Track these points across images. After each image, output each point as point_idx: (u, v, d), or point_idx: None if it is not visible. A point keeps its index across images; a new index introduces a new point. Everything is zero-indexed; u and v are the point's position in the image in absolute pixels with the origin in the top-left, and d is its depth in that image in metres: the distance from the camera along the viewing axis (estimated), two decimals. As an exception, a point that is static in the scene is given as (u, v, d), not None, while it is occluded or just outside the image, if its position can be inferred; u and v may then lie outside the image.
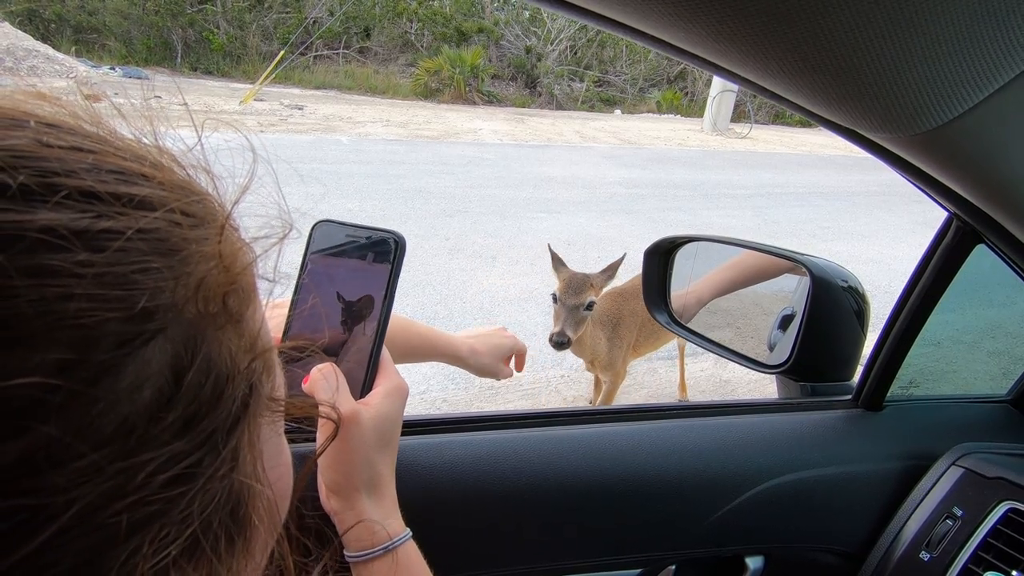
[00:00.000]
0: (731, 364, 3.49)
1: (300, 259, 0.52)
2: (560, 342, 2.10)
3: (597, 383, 2.80)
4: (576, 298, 2.14)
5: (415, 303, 3.78)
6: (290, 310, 0.53)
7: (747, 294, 1.18)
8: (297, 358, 0.51)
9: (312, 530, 0.47)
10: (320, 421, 0.50)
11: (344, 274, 0.54)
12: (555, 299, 2.22)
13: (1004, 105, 0.32)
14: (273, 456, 0.31)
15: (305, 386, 0.51)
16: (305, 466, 0.36)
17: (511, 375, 0.84)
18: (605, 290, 2.37)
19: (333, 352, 0.53)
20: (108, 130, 0.25)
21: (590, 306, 2.16)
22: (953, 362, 1.43)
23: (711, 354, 3.36)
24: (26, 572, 0.18)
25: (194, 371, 0.23)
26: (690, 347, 3.54)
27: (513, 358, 0.85)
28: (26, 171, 0.20)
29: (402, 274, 0.54)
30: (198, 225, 0.25)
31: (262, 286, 0.30)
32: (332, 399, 0.50)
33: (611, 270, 2.26)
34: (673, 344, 3.49)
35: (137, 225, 0.22)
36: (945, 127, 0.34)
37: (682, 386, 3.26)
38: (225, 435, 0.24)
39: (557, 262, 2.32)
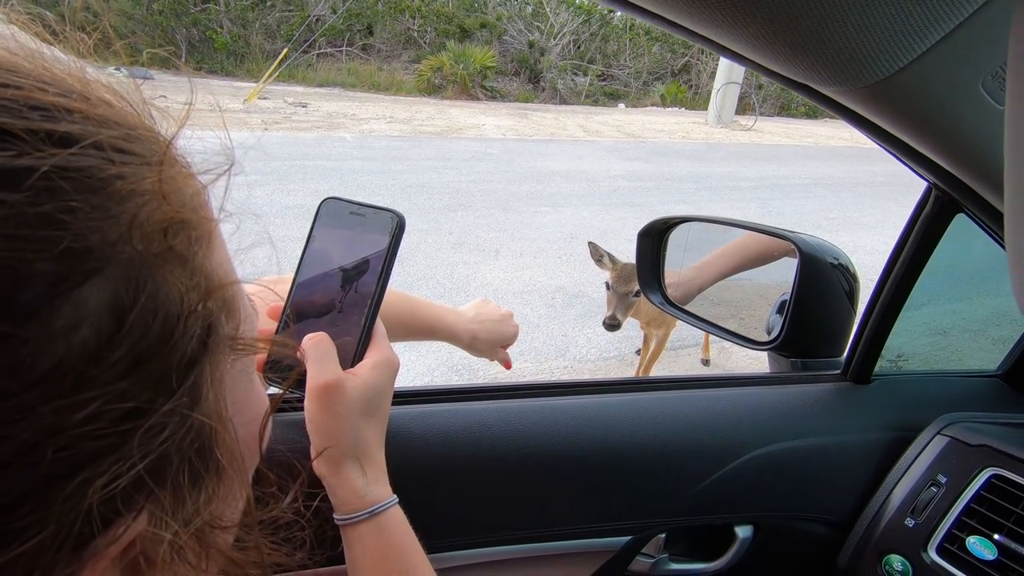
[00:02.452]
0: (736, 356, 3.52)
1: (298, 226, 0.54)
2: (611, 325, 2.48)
3: (646, 341, 3.14)
4: (626, 286, 2.49)
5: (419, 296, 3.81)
6: (293, 281, 0.56)
7: (751, 286, 1.19)
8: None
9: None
10: (308, 385, 0.52)
11: (345, 249, 0.56)
12: (608, 287, 2.56)
13: (949, 55, 0.33)
14: (242, 399, 0.32)
15: (297, 354, 0.53)
16: (267, 411, 0.36)
17: (503, 361, 0.87)
18: None
19: (330, 323, 0.56)
20: (40, 64, 0.24)
21: (638, 293, 2.51)
22: (958, 350, 1.43)
23: (713, 345, 3.37)
24: None
25: (137, 311, 0.22)
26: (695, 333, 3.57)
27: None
28: None
29: (406, 268, 0.56)
30: (134, 161, 0.24)
31: (230, 224, 0.29)
32: (322, 366, 0.52)
33: None
34: (677, 336, 3.54)
35: (55, 162, 0.21)
36: (893, 78, 0.35)
37: (705, 346, 3.43)
38: (180, 374, 0.24)
39: (597, 255, 2.64)
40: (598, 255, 2.65)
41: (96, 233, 0.21)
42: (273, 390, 0.51)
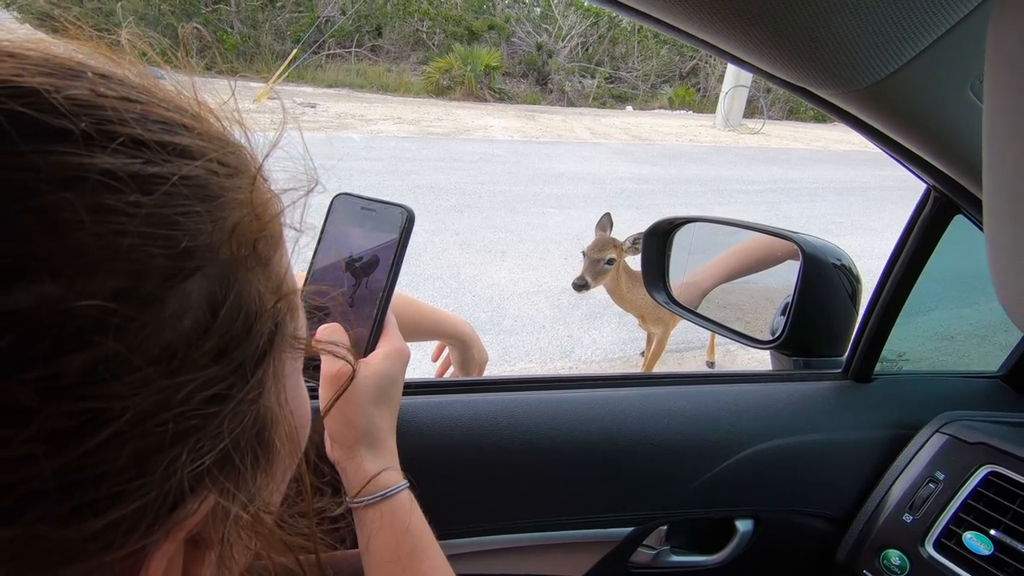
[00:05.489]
0: (741, 359, 3.52)
1: (321, 222, 0.57)
2: (579, 285, 2.65)
3: (649, 340, 3.21)
4: (598, 253, 2.69)
5: (425, 296, 3.83)
6: (307, 275, 0.58)
7: (757, 289, 1.20)
8: (314, 313, 0.56)
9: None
10: (323, 373, 0.55)
11: (357, 243, 0.58)
12: (584, 255, 2.74)
13: (937, 60, 0.35)
14: (292, 389, 0.34)
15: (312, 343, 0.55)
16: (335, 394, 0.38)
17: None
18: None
19: (343, 315, 0.58)
20: (151, 81, 0.28)
21: (610, 261, 2.68)
22: (965, 355, 1.44)
23: (718, 348, 3.36)
24: (88, 465, 0.21)
25: (227, 307, 0.25)
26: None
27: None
28: (87, 119, 0.23)
29: (413, 268, 0.58)
30: (233, 174, 0.27)
31: (290, 235, 0.32)
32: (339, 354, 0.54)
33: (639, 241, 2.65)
34: (682, 337, 3.54)
35: (180, 172, 0.24)
36: (884, 82, 0.37)
37: (711, 349, 3.46)
38: (253, 366, 0.27)
39: (601, 226, 2.79)
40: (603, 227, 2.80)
41: (203, 236, 0.24)
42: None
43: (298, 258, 0.33)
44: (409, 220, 0.57)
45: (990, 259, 0.28)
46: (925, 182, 0.66)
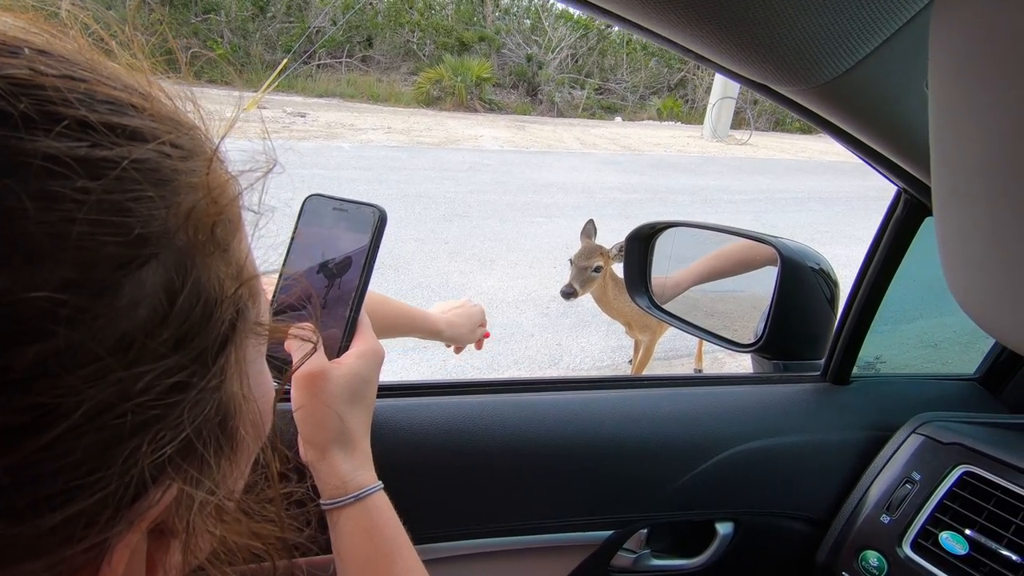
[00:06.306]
0: (729, 367, 3.54)
1: (287, 214, 0.56)
2: (567, 292, 2.65)
3: (636, 348, 3.20)
4: (585, 261, 2.69)
5: (413, 304, 3.82)
6: (279, 275, 0.58)
7: (746, 297, 1.21)
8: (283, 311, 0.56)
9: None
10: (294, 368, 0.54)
11: (329, 243, 0.58)
12: (571, 262, 2.75)
13: (892, 57, 0.36)
14: (256, 376, 0.34)
15: (284, 345, 0.55)
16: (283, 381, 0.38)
17: (479, 340, 0.92)
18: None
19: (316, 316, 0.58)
20: (96, 57, 0.26)
21: (597, 269, 2.68)
22: (948, 362, 1.46)
23: (706, 355, 3.36)
24: (43, 460, 0.20)
25: (185, 294, 0.24)
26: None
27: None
28: (25, 99, 0.21)
29: (401, 276, 0.58)
30: (187, 157, 0.26)
31: (248, 218, 0.31)
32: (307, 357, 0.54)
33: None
34: (670, 345, 3.55)
35: (131, 155, 0.23)
36: (841, 78, 0.38)
37: (699, 356, 3.46)
38: (215, 353, 0.26)
39: (586, 233, 2.82)
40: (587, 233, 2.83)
41: (158, 222, 0.23)
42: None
43: (258, 242, 0.33)
44: (381, 220, 0.57)
45: (940, 251, 0.28)
46: (895, 184, 0.68)
